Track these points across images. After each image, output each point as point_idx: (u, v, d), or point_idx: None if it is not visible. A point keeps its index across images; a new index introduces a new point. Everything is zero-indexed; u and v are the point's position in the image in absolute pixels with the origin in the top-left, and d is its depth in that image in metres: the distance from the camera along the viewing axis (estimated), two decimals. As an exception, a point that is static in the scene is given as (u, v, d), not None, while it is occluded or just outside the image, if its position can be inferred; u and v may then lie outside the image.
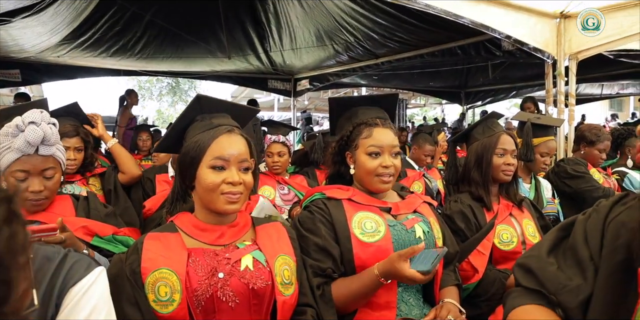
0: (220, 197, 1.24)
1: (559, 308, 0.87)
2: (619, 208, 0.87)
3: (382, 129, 1.53)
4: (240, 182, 1.25)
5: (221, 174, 1.24)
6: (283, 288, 1.28)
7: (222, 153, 1.26)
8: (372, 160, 1.50)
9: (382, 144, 1.51)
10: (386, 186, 1.52)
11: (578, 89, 9.04)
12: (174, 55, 5.93)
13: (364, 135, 1.53)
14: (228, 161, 1.25)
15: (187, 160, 1.28)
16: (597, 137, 2.96)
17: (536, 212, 2.07)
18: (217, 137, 1.27)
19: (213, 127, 1.30)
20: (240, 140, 1.30)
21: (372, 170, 1.50)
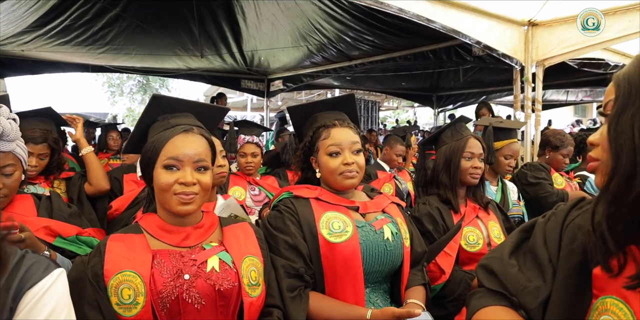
0: (174, 197, 1.22)
1: (521, 309, 0.90)
2: (575, 212, 0.90)
3: (339, 128, 1.55)
4: (194, 183, 1.23)
5: (174, 174, 1.23)
6: (250, 289, 1.27)
7: (176, 153, 1.24)
8: (334, 160, 1.52)
9: (340, 143, 1.52)
10: (352, 182, 1.52)
11: (545, 95, 9.33)
12: (145, 51, 5.82)
13: (323, 137, 1.55)
14: (182, 161, 1.23)
15: (144, 161, 1.28)
16: (561, 142, 3.06)
17: (502, 214, 2.12)
18: (172, 137, 1.26)
19: (170, 127, 1.29)
20: (197, 140, 1.28)
21: (334, 169, 1.51)
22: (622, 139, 0.70)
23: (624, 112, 0.71)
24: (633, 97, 0.70)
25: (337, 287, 1.44)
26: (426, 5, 3.59)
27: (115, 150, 4.72)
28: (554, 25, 4.22)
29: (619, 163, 0.70)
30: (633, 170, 0.68)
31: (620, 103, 0.72)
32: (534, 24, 4.27)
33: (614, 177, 0.71)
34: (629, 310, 0.72)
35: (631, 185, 0.68)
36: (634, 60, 0.75)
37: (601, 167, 0.78)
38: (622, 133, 0.70)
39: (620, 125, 0.71)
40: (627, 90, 0.72)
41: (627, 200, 0.69)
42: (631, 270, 0.74)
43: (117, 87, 20.70)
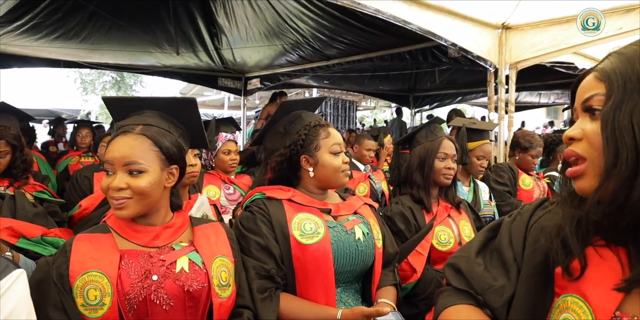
0: (112, 201, 1.19)
1: (487, 308, 0.91)
2: (540, 212, 0.92)
3: (333, 129, 1.60)
4: (121, 188, 1.17)
5: (108, 179, 1.19)
6: (220, 290, 1.26)
7: (108, 156, 1.21)
8: (337, 158, 1.55)
9: (340, 142, 1.57)
10: (347, 180, 1.58)
11: (518, 97, 9.53)
12: (119, 47, 5.70)
13: (323, 135, 1.55)
14: (113, 165, 1.19)
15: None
16: (530, 143, 3.13)
17: (473, 213, 2.16)
18: (113, 140, 1.23)
19: (118, 128, 1.26)
20: (130, 141, 1.20)
21: (338, 167, 1.55)
22: (621, 136, 0.68)
23: (620, 107, 0.69)
24: (630, 92, 0.69)
25: (308, 288, 1.44)
26: (403, 6, 3.61)
27: (85, 148, 4.58)
28: (527, 29, 4.31)
29: (618, 161, 0.68)
30: (636, 169, 0.66)
31: (616, 98, 0.70)
32: (508, 27, 4.34)
33: (612, 176, 0.68)
34: (588, 309, 0.73)
35: (633, 185, 0.67)
36: (620, 57, 0.73)
37: (590, 168, 0.74)
38: (622, 129, 0.68)
39: (618, 120, 0.68)
40: (622, 85, 0.70)
41: (629, 200, 0.67)
42: (594, 271, 0.75)
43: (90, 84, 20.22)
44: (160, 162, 1.23)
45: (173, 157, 1.27)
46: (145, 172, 1.20)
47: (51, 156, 4.81)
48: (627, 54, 0.73)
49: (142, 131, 1.23)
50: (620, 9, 3.66)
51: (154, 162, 1.22)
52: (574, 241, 0.77)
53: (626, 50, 0.74)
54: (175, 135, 1.30)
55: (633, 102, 0.68)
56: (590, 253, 0.77)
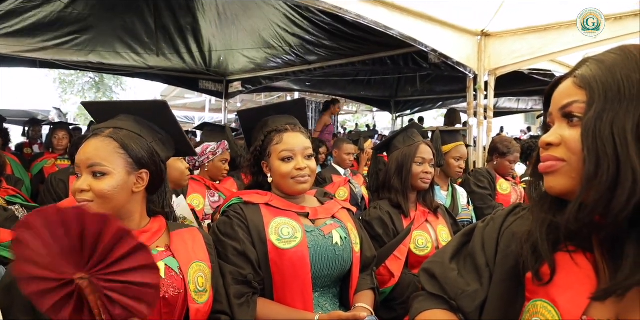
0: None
1: (460, 312, 0.92)
2: (512, 218, 0.94)
3: (291, 133, 1.55)
4: (84, 189, 1.16)
5: (77, 181, 1.18)
6: (197, 296, 1.25)
7: (76, 159, 1.20)
8: (287, 165, 1.52)
9: (293, 148, 1.53)
10: (304, 187, 1.53)
11: (498, 103, 9.69)
12: (99, 46, 5.61)
13: (275, 141, 1.55)
14: (79, 167, 1.18)
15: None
16: (507, 149, 3.19)
17: (450, 218, 2.18)
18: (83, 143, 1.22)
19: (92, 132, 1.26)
20: (96, 143, 1.19)
21: (287, 173, 1.52)
22: (602, 145, 0.68)
23: (601, 116, 0.69)
24: (610, 102, 0.69)
25: (285, 293, 1.44)
26: (384, 12, 3.65)
27: (62, 151, 4.47)
28: (505, 37, 4.39)
29: (599, 170, 0.68)
30: (617, 180, 0.67)
31: (597, 107, 0.70)
32: (487, 34, 4.42)
33: (592, 184, 0.69)
34: (557, 313, 0.75)
35: (613, 196, 0.67)
36: (598, 64, 0.74)
37: (566, 168, 0.74)
38: (603, 139, 0.68)
39: (599, 130, 0.68)
40: (603, 94, 0.70)
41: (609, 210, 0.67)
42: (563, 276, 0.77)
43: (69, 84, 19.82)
44: (126, 166, 1.21)
45: (142, 161, 1.24)
46: (108, 175, 1.17)
47: (25, 158, 4.69)
48: (606, 62, 0.73)
49: (110, 134, 1.22)
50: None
51: (119, 165, 1.19)
52: (544, 246, 0.78)
53: (605, 58, 0.74)
54: (148, 140, 1.28)
55: (614, 113, 0.69)
56: (560, 258, 0.78)
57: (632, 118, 0.67)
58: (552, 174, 0.76)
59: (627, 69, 0.70)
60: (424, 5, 3.82)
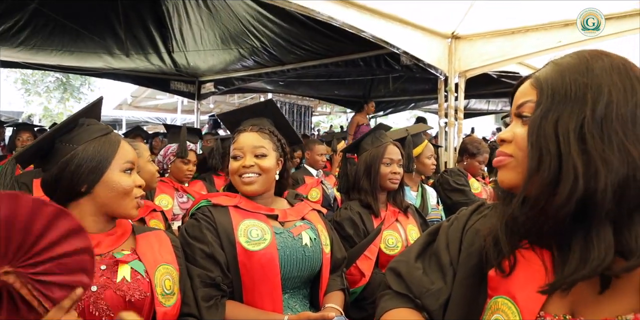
0: (134, 201, 1.27)
1: (424, 311, 0.94)
2: (475, 216, 0.96)
3: (246, 133, 1.59)
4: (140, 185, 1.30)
5: (131, 177, 1.27)
6: (164, 299, 1.23)
7: (130, 157, 1.28)
8: (235, 162, 1.56)
9: (242, 146, 1.56)
10: (251, 188, 1.54)
11: (469, 104, 9.87)
12: (65, 48, 5.46)
13: (233, 141, 1.60)
14: (134, 165, 1.29)
15: (90, 166, 1.21)
16: (477, 149, 3.25)
17: (420, 218, 2.21)
18: (120, 141, 1.28)
19: (109, 132, 1.29)
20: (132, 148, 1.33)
21: (233, 171, 1.56)
22: (545, 143, 0.70)
23: (547, 116, 0.72)
24: (556, 102, 0.72)
25: (255, 295, 1.43)
26: (356, 14, 3.67)
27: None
28: (475, 39, 4.48)
29: (541, 166, 0.70)
30: (558, 176, 0.69)
31: (544, 107, 0.73)
32: (457, 37, 4.50)
33: (533, 178, 0.71)
34: (516, 309, 0.77)
35: (555, 191, 0.69)
36: (554, 67, 0.77)
37: (513, 163, 0.77)
38: (546, 137, 0.71)
39: (544, 128, 0.71)
40: (551, 95, 0.73)
41: (551, 205, 0.70)
42: (521, 272, 0.79)
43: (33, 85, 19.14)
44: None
45: None
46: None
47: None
48: (561, 65, 0.76)
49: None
50: (558, 24, 3.88)
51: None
52: (504, 240, 0.80)
53: (562, 61, 0.77)
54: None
55: (559, 113, 0.71)
56: (519, 254, 0.80)
57: (576, 119, 0.70)
58: (502, 168, 0.80)
59: (576, 73, 0.73)
60: (395, 8, 3.86)
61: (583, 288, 0.71)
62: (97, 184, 1.22)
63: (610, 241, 0.67)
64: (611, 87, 0.70)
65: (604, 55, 0.75)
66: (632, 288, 0.68)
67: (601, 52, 0.76)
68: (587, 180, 0.67)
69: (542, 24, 3.99)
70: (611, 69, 0.72)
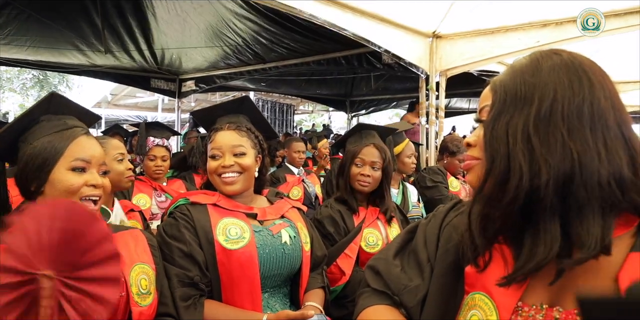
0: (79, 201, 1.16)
1: (402, 308, 0.94)
2: (453, 213, 0.96)
3: (224, 131, 1.57)
4: (102, 185, 1.20)
5: (83, 176, 1.17)
6: (139, 298, 1.22)
7: (84, 155, 1.19)
8: (214, 162, 1.54)
9: (220, 146, 1.54)
10: (232, 188, 1.53)
11: (450, 103, 9.96)
12: (41, 43, 5.32)
13: (210, 140, 1.58)
14: (90, 163, 1.19)
15: (37, 162, 1.16)
16: (457, 148, 3.28)
17: (401, 215, 2.22)
18: (75, 138, 1.19)
19: (68, 127, 1.21)
20: (97, 143, 1.25)
21: (212, 170, 1.54)
22: (497, 144, 0.73)
23: (499, 118, 0.74)
24: (508, 104, 0.73)
25: (234, 294, 1.42)
26: (338, 12, 3.66)
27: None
28: (456, 39, 4.52)
29: (493, 166, 0.73)
30: (507, 175, 0.71)
31: (496, 109, 0.75)
32: (438, 36, 4.53)
33: (488, 179, 0.74)
34: (493, 305, 0.77)
35: (505, 189, 0.71)
36: (509, 69, 0.78)
37: (478, 167, 0.80)
38: (498, 138, 0.73)
39: (496, 130, 0.73)
40: (503, 97, 0.75)
41: (501, 202, 0.72)
42: (496, 267, 0.79)
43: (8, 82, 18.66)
44: None
45: None
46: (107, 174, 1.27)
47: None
48: (515, 67, 0.78)
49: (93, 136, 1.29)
50: (537, 24, 3.94)
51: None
52: (480, 237, 0.81)
53: (517, 63, 0.79)
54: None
55: (510, 114, 0.73)
56: (495, 250, 0.81)
57: (523, 119, 0.72)
58: (470, 171, 0.84)
59: (526, 73, 0.75)
60: (376, 6, 3.87)
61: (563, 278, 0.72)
62: (47, 183, 1.16)
63: (556, 234, 0.69)
64: (557, 86, 0.71)
65: (555, 54, 0.76)
66: (608, 277, 0.70)
67: (554, 51, 0.77)
68: (531, 177, 0.69)
69: (521, 24, 4.04)
70: (559, 67, 0.73)
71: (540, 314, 0.73)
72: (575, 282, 0.72)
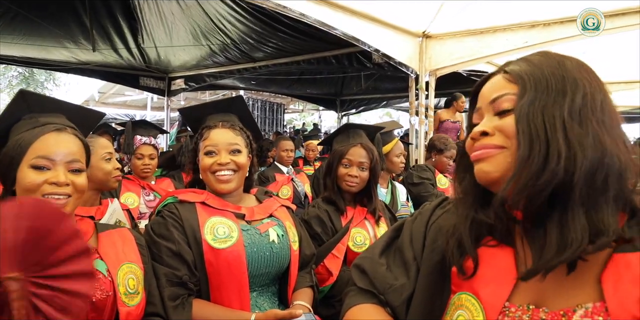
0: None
1: (388, 306, 0.94)
2: (439, 211, 0.96)
3: (219, 129, 1.57)
4: (67, 183, 1.14)
5: (44, 174, 1.13)
6: (127, 298, 1.21)
7: (47, 152, 1.15)
8: (209, 159, 1.53)
9: (216, 143, 1.53)
10: (226, 187, 1.52)
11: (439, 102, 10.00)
12: (27, 40, 5.26)
13: (204, 137, 1.56)
14: (53, 161, 1.15)
15: (5, 161, 1.15)
16: (445, 146, 3.31)
17: (390, 214, 2.22)
18: (42, 134, 1.16)
19: (39, 125, 1.19)
20: (70, 139, 1.20)
21: (207, 167, 1.53)
22: (535, 130, 0.72)
23: (533, 104, 0.74)
24: (540, 92, 0.75)
25: (222, 293, 1.41)
26: (328, 11, 3.66)
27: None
28: (445, 39, 4.54)
29: (532, 153, 0.71)
30: (547, 160, 0.70)
31: (531, 96, 0.75)
32: (428, 36, 4.56)
33: (525, 166, 0.72)
34: (479, 305, 0.77)
35: (541, 175, 0.70)
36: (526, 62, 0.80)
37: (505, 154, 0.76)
38: (536, 124, 0.73)
39: (533, 114, 0.73)
40: (534, 85, 0.76)
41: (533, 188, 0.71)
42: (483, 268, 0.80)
43: (-7, 79, 18.34)
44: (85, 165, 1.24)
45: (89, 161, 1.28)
46: (83, 172, 1.23)
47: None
48: (533, 61, 0.80)
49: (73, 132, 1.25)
50: (525, 24, 3.98)
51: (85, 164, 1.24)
52: (468, 241, 0.81)
53: (531, 58, 0.81)
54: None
55: (543, 102, 0.74)
56: (482, 253, 0.81)
57: (559, 108, 0.73)
58: (487, 160, 0.78)
59: (552, 67, 0.78)
60: (366, 6, 3.87)
61: (547, 279, 0.73)
62: (16, 182, 1.14)
63: (585, 223, 0.70)
64: (584, 81, 0.75)
65: (566, 56, 0.80)
66: (592, 278, 0.71)
67: (562, 54, 0.81)
68: (567, 164, 0.70)
69: (510, 25, 4.08)
70: (579, 66, 0.78)
71: (527, 315, 0.74)
72: (561, 282, 0.73)
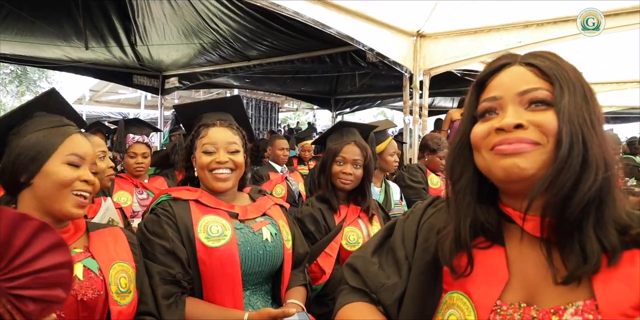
0: (71, 196, 1.16)
1: (380, 305, 0.94)
2: (431, 210, 0.96)
3: (218, 128, 1.57)
4: (94, 182, 1.22)
5: (77, 171, 1.19)
6: (119, 297, 1.21)
7: (79, 151, 1.21)
8: (207, 157, 1.53)
9: (215, 142, 1.54)
10: (223, 185, 1.52)
11: (434, 102, 10.03)
12: (20, 38, 5.21)
13: (201, 135, 1.57)
14: (84, 159, 1.21)
15: (30, 154, 1.16)
16: (437, 145, 3.32)
17: (383, 213, 2.23)
18: (71, 134, 1.22)
19: (63, 124, 1.24)
20: (88, 142, 1.28)
21: (205, 165, 1.53)
22: (576, 131, 0.71)
23: (572, 105, 0.74)
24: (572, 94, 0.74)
25: (215, 292, 1.41)
26: (322, 10, 3.66)
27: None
28: (439, 38, 4.55)
29: (572, 154, 0.71)
30: (585, 164, 0.70)
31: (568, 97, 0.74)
32: (422, 35, 4.56)
33: (564, 166, 0.71)
34: (471, 304, 0.78)
35: (581, 178, 0.70)
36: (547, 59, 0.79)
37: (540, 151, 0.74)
38: (576, 125, 0.72)
39: (576, 116, 0.72)
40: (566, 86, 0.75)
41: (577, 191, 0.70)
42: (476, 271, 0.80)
43: (-17, 76, 18.12)
44: None
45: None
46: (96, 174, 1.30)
47: None
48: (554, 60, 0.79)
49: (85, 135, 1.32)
50: (519, 24, 3.99)
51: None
52: (468, 240, 0.80)
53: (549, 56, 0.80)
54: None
55: (579, 105, 0.75)
56: (475, 253, 0.81)
57: (589, 115, 0.74)
58: (523, 155, 0.75)
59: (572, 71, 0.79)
60: (361, 5, 3.87)
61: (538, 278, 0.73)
62: (37, 175, 1.16)
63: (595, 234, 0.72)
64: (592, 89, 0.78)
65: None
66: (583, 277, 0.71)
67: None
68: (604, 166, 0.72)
69: (503, 25, 4.09)
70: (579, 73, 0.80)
71: (518, 313, 0.75)
72: (552, 281, 0.73)
